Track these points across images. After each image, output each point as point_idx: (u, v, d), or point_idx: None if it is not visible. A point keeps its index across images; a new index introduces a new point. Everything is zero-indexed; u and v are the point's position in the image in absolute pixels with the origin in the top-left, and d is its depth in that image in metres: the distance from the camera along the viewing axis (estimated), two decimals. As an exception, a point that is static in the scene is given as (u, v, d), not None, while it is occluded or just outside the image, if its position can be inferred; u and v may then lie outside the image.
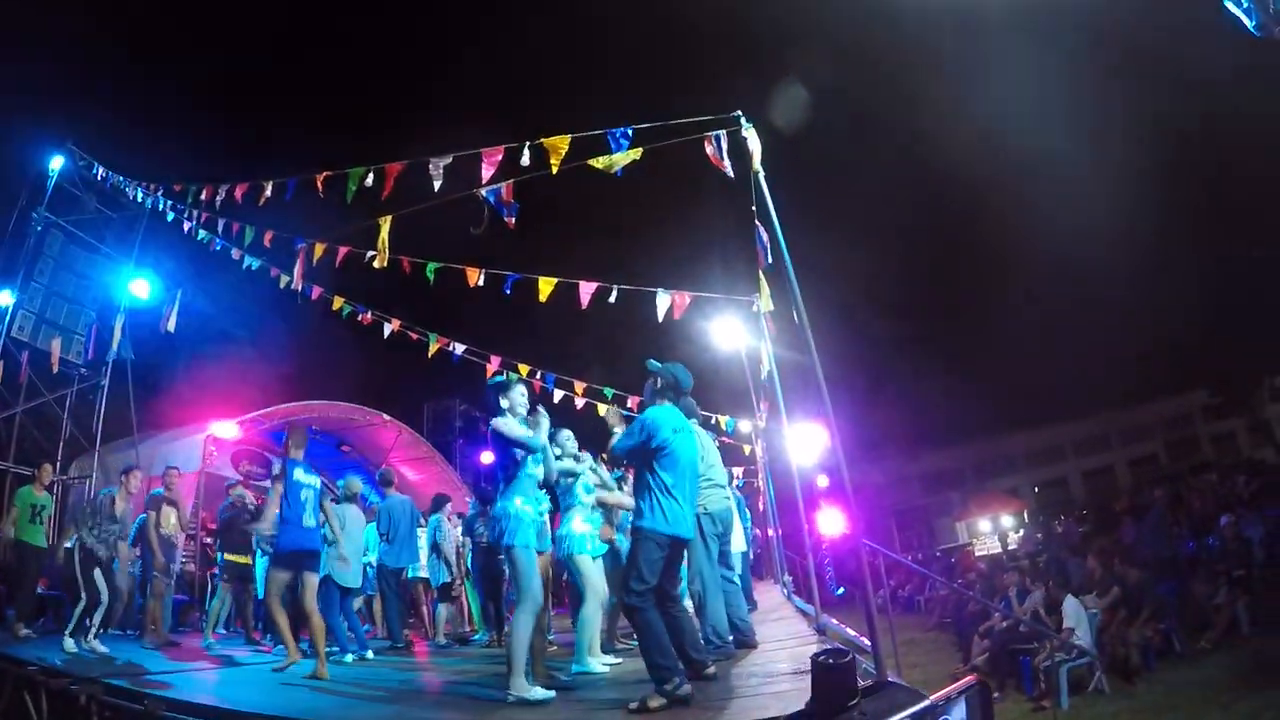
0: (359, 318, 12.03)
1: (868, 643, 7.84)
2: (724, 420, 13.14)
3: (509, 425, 5.34)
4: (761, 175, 5.44)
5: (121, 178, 13.96)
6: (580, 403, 13.08)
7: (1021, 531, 29.45)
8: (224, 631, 10.73)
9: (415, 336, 12.44)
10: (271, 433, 17.12)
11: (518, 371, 12.42)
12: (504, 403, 5.43)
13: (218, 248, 11.31)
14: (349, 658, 8.35)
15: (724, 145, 5.67)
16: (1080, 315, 44.37)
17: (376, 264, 7.67)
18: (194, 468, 13.30)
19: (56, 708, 6.58)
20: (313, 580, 7.43)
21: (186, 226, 11.57)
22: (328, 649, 8.67)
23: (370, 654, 8.63)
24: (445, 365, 12.94)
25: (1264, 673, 8.59)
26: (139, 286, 14.39)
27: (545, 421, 5.44)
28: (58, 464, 14.17)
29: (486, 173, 6.19)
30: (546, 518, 5.62)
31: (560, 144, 5.91)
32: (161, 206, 12.37)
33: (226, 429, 14.84)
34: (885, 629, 10.39)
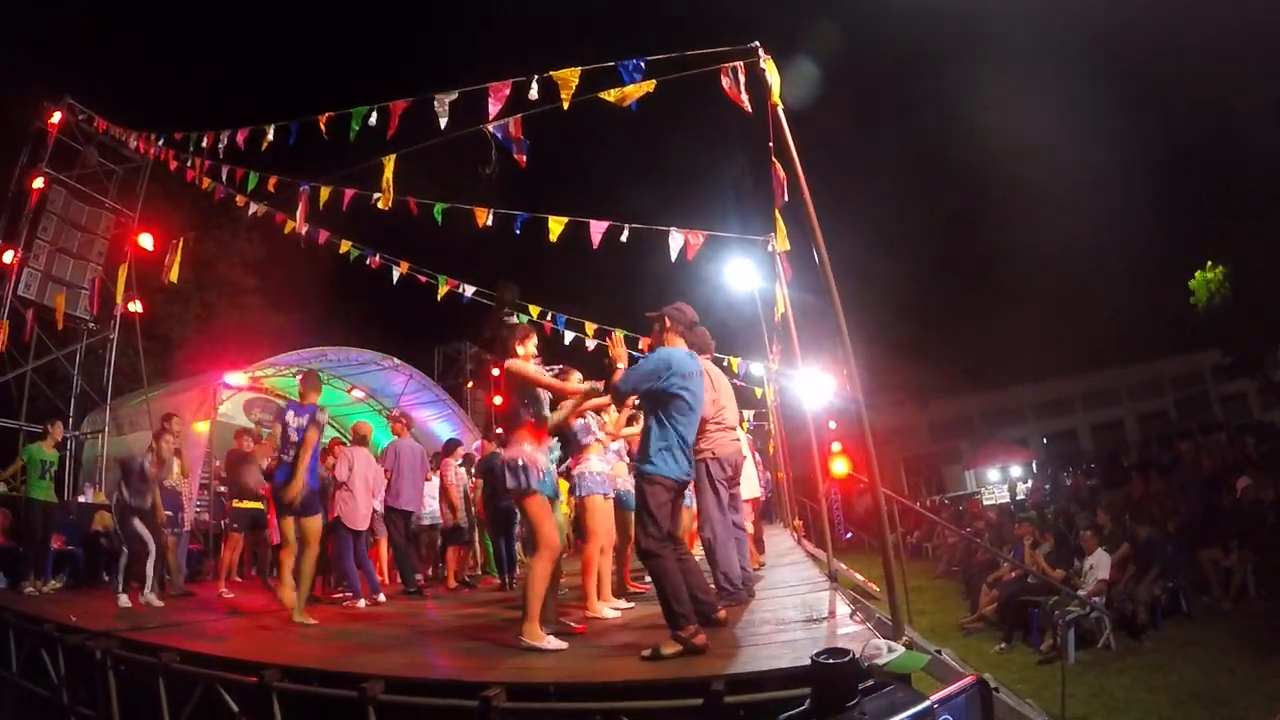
0: (367, 261, 11.96)
1: (875, 589, 7.87)
2: (735, 362, 13.05)
3: (526, 367, 5.27)
4: (780, 110, 5.29)
5: (121, 130, 13.81)
6: (591, 344, 13.01)
7: (1030, 482, 29.47)
8: (239, 579, 10.78)
9: (424, 279, 12.36)
10: (282, 380, 17.14)
11: (528, 313, 12.36)
12: (520, 350, 5.36)
13: (222, 195, 11.20)
14: (361, 602, 8.38)
15: (741, 78, 5.50)
16: (1091, 269, 43.95)
17: (380, 205, 7.53)
18: (205, 416, 13.28)
19: (73, 663, 6.64)
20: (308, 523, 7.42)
21: (190, 176, 11.43)
22: (346, 592, 8.80)
23: (382, 598, 8.66)
24: (455, 308, 12.88)
25: (1271, 636, 8.57)
26: (144, 238, 14.33)
27: (576, 376, 5.39)
28: (69, 420, 14.22)
29: (494, 109, 6.05)
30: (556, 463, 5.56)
31: (571, 77, 5.74)
32: (163, 157, 12.21)
33: (237, 378, 14.83)
34: (896, 576, 10.48)
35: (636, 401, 5.93)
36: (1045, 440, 42.21)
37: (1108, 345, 40.33)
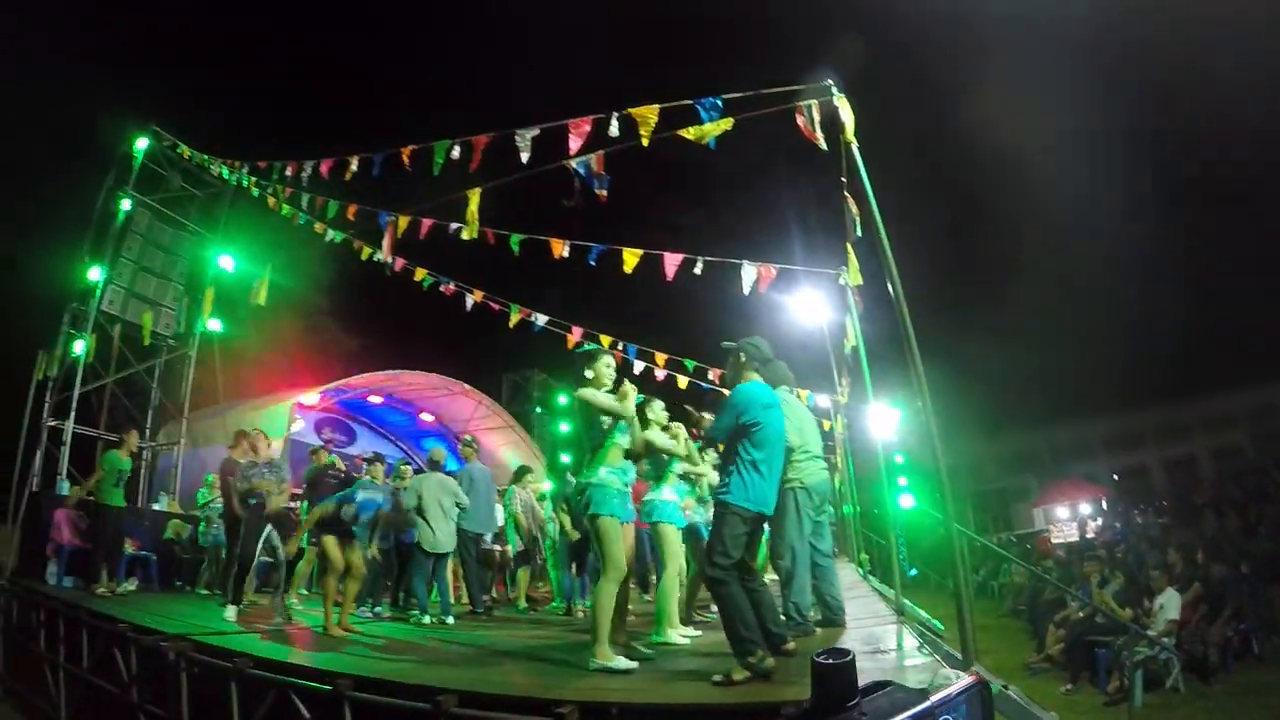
0: (441, 288, 12.17)
1: (940, 626, 7.81)
2: (804, 395, 13.06)
3: (596, 394, 5.36)
4: (855, 146, 5.35)
5: (205, 156, 14.30)
6: (661, 374, 13.11)
7: (1100, 520, 28.79)
8: (305, 593, 11.03)
9: (497, 307, 12.54)
10: (353, 401, 17.53)
11: (599, 342, 12.49)
12: (589, 373, 5.43)
13: (300, 222, 11.53)
14: (427, 619, 8.54)
15: (816, 116, 5.58)
16: (1164, 298, 42.91)
17: (465, 236, 7.73)
18: (279, 434, 13.66)
19: (146, 664, 6.80)
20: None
21: (271, 202, 11.80)
22: (411, 611, 8.98)
23: (450, 619, 8.80)
24: (524, 336, 13.09)
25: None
26: (225, 261, 14.87)
27: (633, 392, 5.45)
28: (146, 431, 14.72)
29: (575, 144, 6.19)
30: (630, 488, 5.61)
31: (649, 114, 5.85)
32: (245, 183, 12.64)
33: (310, 397, 15.22)
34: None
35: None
36: (1116, 476, 41.14)
37: (1179, 375, 39.36)
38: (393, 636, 7.56)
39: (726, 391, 5.15)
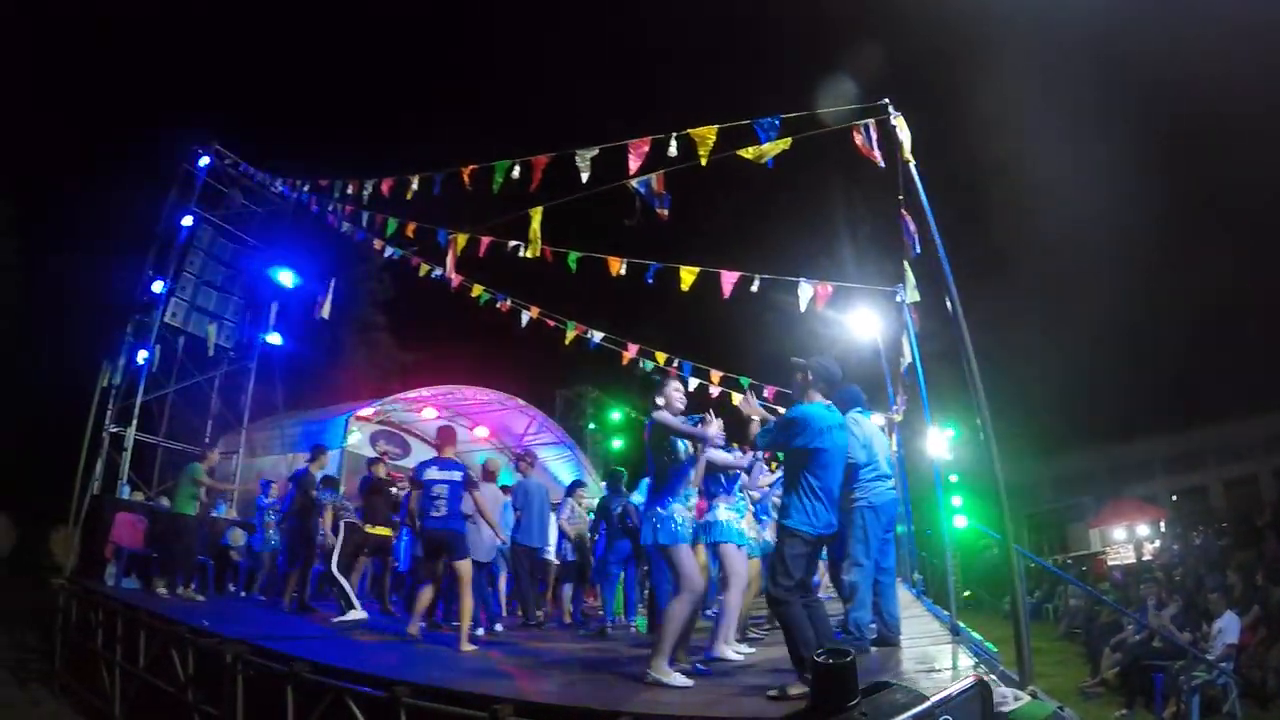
0: (497, 305, 12.29)
1: (994, 649, 7.74)
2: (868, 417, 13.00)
3: (671, 418, 5.39)
4: (913, 165, 5.36)
5: (265, 174, 14.63)
6: (715, 391, 13.12)
7: (1158, 542, 28.20)
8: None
9: (552, 324, 12.63)
10: (408, 415, 17.78)
11: (654, 359, 12.56)
12: (660, 399, 5.47)
13: (359, 239, 11.75)
14: (479, 630, 8.64)
15: (874, 135, 5.59)
16: (1223, 314, 41.81)
17: (529, 254, 7.83)
18: (336, 446, 13.90)
19: (203, 665, 6.92)
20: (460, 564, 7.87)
21: (331, 219, 12.04)
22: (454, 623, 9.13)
23: (499, 628, 8.89)
24: (579, 352, 13.12)
25: None
26: (285, 276, 15.23)
27: (717, 424, 5.51)
28: (205, 439, 15.10)
29: (634, 164, 6.27)
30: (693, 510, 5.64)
31: (708, 134, 5.89)
32: (305, 200, 12.92)
33: (367, 410, 15.49)
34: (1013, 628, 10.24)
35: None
36: (1174, 497, 40.16)
37: (1240, 392, 38.32)
38: (445, 646, 7.65)
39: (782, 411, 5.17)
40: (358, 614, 8.73)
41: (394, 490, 10.63)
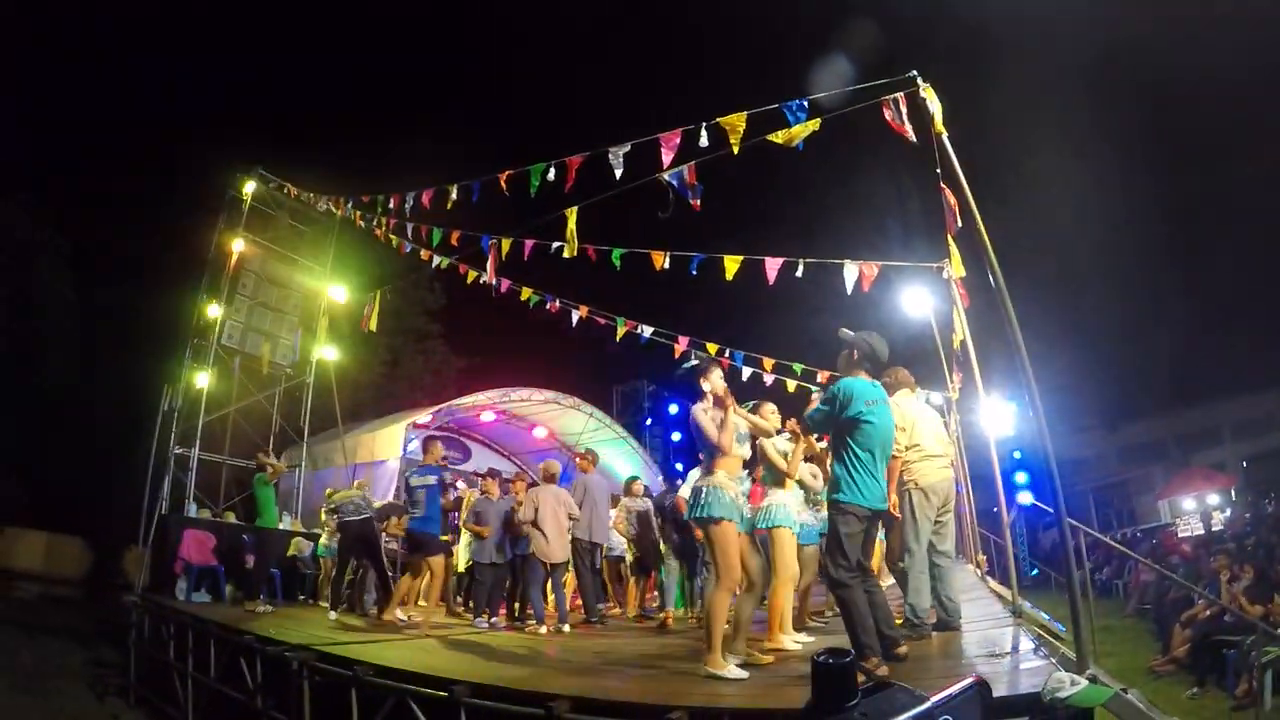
0: (546, 306, 12.36)
1: (1061, 628, 7.62)
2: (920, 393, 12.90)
3: (703, 418, 5.36)
4: (945, 137, 5.29)
5: (310, 194, 14.87)
6: (769, 379, 13.09)
7: (1228, 511, 27.47)
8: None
9: (602, 321, 12.70)
10: (466, 420, 18.02)
11: (706, 350, 12.57)
12: (705, 385, 5.45)
13: (407, 250, 11.90)
14: (542, 629, 8.72)
15: (903, 109, 5.53)
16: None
17: (566, 254, 7.90)
18: (396, 454, 14.11)
19: (270, 673, 7.20)
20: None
21: (377, 233, 12.21)
22: (528, 622, 9.29)
23: (567, 627, 8.96)
24: (632, 347, 13.22)
25: None
26: (336, 291, 15.51)
27: (773, 413, 5.53)
28: (283, 457, 15.45)
29: (666, 157, 6.28)
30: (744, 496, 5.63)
31: (738, 122, 5.88)
32: (350, 217, 13.12)
33: (423, 417, 15.77)
34: (1083, 614, 10.05)
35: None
36: (1245, 463, 38.94)
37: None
38: (508, 645, 7.75)
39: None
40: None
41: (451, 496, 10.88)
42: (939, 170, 5.55)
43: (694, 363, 5.95)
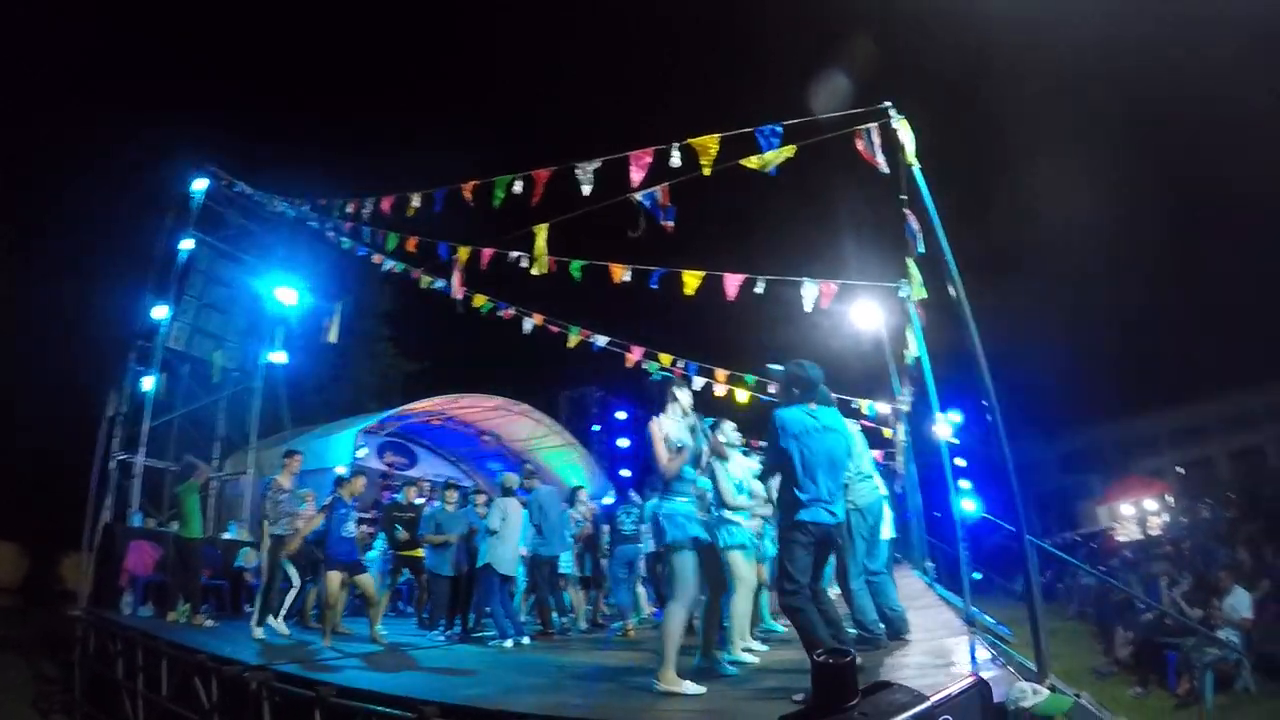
0: (500, 313, 12.31)
1: (1008, 631, 7.81)
2: (865, 404, 13.10)
3: (659, 440, 5.39)
4: (916, 168, 5.39)
5: (263, 194, 14.64)
6: (721, 390, 13.19)
7: (1165, 516, 28.26)
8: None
9: (555, 329, 12.67)
10: (414, 425, 17.86)
11: (658, 361, 12.62)
12: (673, 403, 5.51)
13: (359, 254, 11.77)
14: (507, 644, 8.68)
15: (876, 140, 5.62)
16: (1223, 283, 41.92)
17: (535, 271, 7.88)
18: (346, 461, 13.94)
19: (227, 694, 6.95)
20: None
21: (332, 235, 12.07)
22: (488, 634, 9.14)
23: (526, 640, 8.94)
24: (583, 354, 13.16)
25: None
26: (286, 294, 15.25)
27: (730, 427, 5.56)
28: (214, 461, 15.13)
29: (636, 176, 6.30)
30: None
31: (710, 144, 5.94)
32: (303, 218, 12.95)
33: (372, 423, 15.56)
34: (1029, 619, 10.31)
35: None
36: (1181, 470, 40.09)
37: (1248, 363, 38.34)
38: (470, 660, 7.69)
39: None
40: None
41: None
42: (903, 196, 5.66)
43: (664, 375, 5.96)
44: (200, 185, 15.12)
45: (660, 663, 5.08)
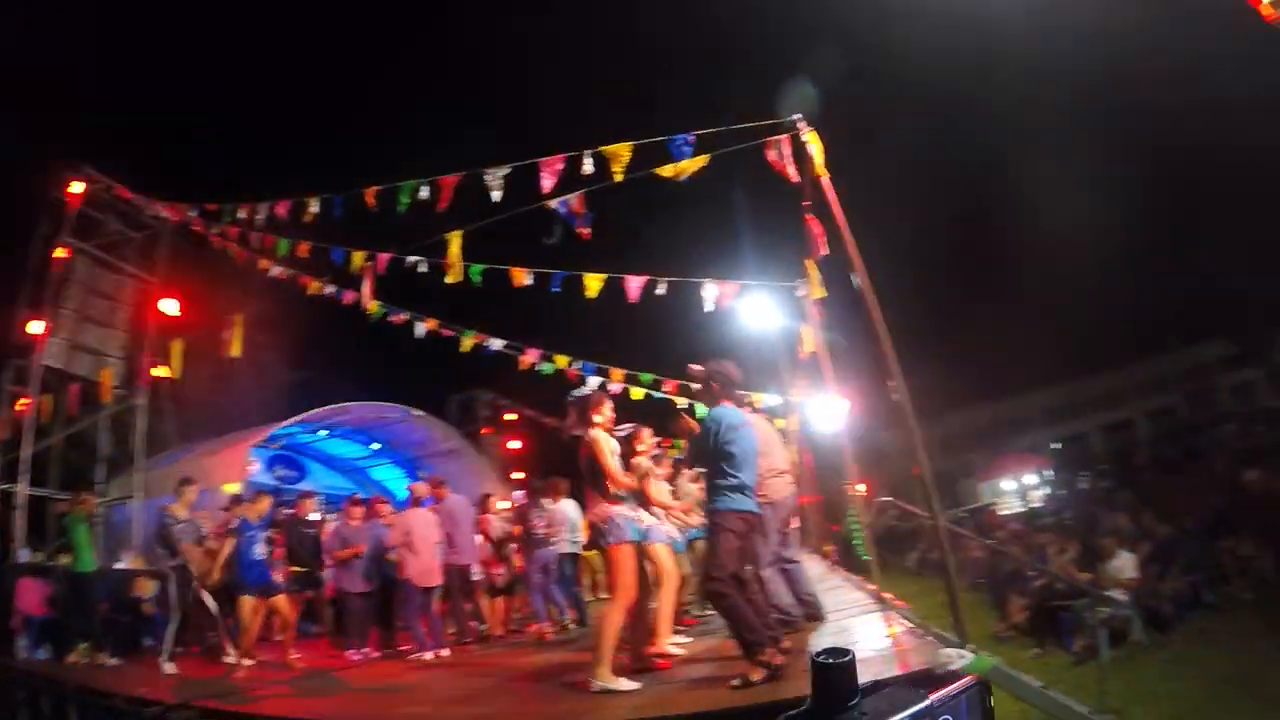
0: (389, 317, 12.11)
1: (903, 605, 8.17)
2: (759, 397, 13.37)
3: (605, 448, 5.58)
4: (825, 179, 5.57)
5: (145, 198, 14.02)
6: (616, 388, 13.27)
7: (1047, 489, 29.59)
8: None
9: (449, 334, 12.54)
10: (301, 437, 17.42)
11: (553, 362, 12.63)
12: (596, 418, 5.67)
13: (246, 261, 11.44)
14: (427, 656, 8.60)
15: (786, 150, 5.79)
16: (1096, 270, 44.31)
17: (449, 279, 7.80)
18: (235, 478, 13.46)
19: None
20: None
21: (216, 242, 11.69)
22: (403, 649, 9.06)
23: (445, 651, 8.87)
24: (474, 358, 13.13)
25: (1296, 620, 8.84)
26: (168, 305, 14.59)
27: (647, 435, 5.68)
28: (98, 486, 14.34)
29: (547, 183, 6.32)
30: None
31: (622, 151, 6.00)
32: (191, 224, 12.50)
33: (262, 439, 15.06)
34: (930, 590, 10.77)
35: None
36: (1058, 445, 42.20)
37: (1113, 344, 40.74)
38: (395, 678, 7.61)
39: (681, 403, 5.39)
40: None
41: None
42: (807, 203, 5.85)
43: (584, 391, 6.03)
44: (76, 188, 14.12)
45: (596, 661, 5.16)
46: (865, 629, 6.14)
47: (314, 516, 11.24)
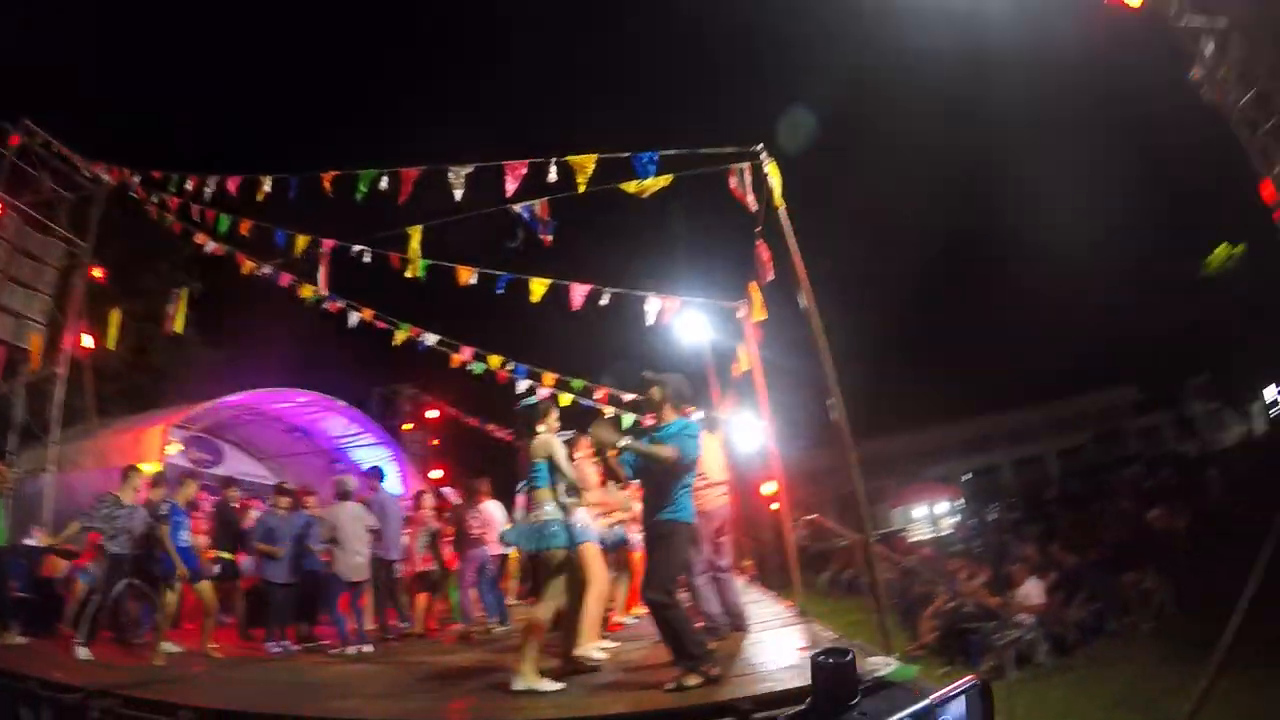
0: (324, 305, 12.04)
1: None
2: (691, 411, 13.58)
3: (555, 444, 5.71)
4: (783, 210, 5.74)
5: (84, 158, 13.62)
6: (545, 392, 13.32)
7: (958, 517, 30.35)
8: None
9: (382, 325, 12.48)
10: (221, 421, 17.04)
11: (486, 363, 12.64)
12: (541, 426, 5.77)
13: (181, 232, 11.23)
14: (350, 651, 8.55)
15: (747, 178, 5.96)
16: (1018, 313, 45.96)
17: (409, 274, 7.81)
18: (153, 458, 13.06)
19: (66, 722, 6.20)
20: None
21: (153, 212, 11.44)
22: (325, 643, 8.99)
23: (369, 647, 8.83)
24: (405, 352, 13.12)
25: (1188, 649, 9.25)
26: (96, 270, 14.17)
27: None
28: (5, 455, 13.79)
29: (511, 186, 6.38)
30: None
31: (587, 163, 6.08)
32: (131, 188, 12.20)
33: (181, 419, 14.65)
34: (844, 610, 11.08)
35: None
36: (969, 476, 43.34)
37: (1030, 383, 42.17)
38: (321, 671, 7.56)
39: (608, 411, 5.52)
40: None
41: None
42: (759, 229, 6.03)
43: (534, 400, 6.15)
44: (14, 141, 13.41)
45: (520, 660, 5.21)
46: (791, 639, 6.32)
47: (234, 505, 10.97)
